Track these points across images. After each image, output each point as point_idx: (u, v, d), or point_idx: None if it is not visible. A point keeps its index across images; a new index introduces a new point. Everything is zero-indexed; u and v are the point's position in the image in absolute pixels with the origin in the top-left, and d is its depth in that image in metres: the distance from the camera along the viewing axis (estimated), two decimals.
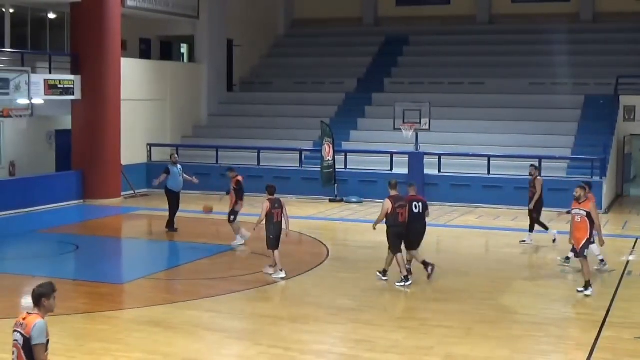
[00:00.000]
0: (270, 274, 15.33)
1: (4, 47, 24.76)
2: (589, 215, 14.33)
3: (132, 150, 27.00)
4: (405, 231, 14.90)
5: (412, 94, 29.57)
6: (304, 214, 23.33)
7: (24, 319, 6.97)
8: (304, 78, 33.47)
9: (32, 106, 22.72)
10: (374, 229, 15.25)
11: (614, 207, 25.37)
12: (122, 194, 25.98)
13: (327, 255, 17.54)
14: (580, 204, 14.55)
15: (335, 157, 26.24)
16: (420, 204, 15.23)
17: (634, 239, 19.56)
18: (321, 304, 13.45)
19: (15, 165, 25.88)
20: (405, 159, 25.64)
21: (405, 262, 15.00)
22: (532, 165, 19.68)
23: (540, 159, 24.65)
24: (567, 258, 16.63)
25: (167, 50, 34.20)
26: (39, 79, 23.43)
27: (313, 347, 11.30)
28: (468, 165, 25.85)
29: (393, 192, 14.95)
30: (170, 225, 19.99)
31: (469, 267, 16.70)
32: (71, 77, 24.75)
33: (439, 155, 25.79)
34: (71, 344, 11.22)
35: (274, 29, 37.43)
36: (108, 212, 23.65)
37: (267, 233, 15.33)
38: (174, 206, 20.08)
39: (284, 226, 15.50)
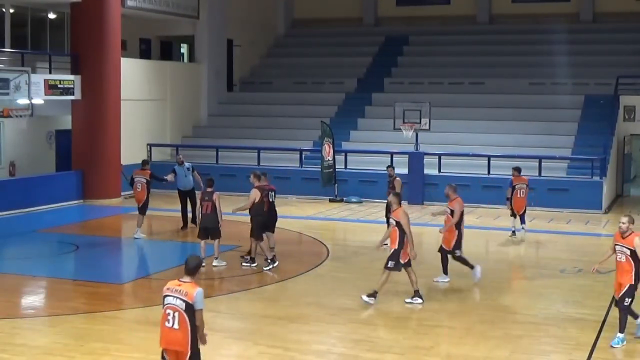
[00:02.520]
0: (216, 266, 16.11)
1: (4, 47, 24.76)
2: (398, 224, 13.15)
3: (132, 150, 26.97)
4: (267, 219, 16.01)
5: (412, 94, 29.57)
6: (304, 214, 23.35)
7: (179, 285, 8.11)
8: (304, 78, 33.47)
9: (32, 106, 22.71)
10: (234, 211, 16.04)
11: (614, 207, 25.36)
12: (122, 194, 25.95)
13: (327, 255, 17.54)
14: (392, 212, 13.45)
15: (335, 157, 26.25)
16: (274, 192, 16.44)
17: None
18: (321, 304, 13.45)
19: (15, 165, 25.88)
20: (405, 159, 25.65)
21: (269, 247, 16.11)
22: (389, 166, 19.52)
23: (540, 159, 24.70)
24: (514, 232, 19.36)
25: (167, 50, 34.20)
26: (39, 79, 23.43)
27: (313, 347, 11.30)
28: (468, 165, 25.86)
29: (259, 183, 15.93)
30: (191, 222, 20.46)
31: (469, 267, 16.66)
32: (71, 77, 24.75)
33: (439, 155, 25.80)
34: (71, 343, 11.24)
35: (274, 28, 37.43)
36: (108, 212, 23.64)
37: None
38: (183, 205, 20.56)
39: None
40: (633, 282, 11.11)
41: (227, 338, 11.82)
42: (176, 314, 8.04)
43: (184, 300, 8.04)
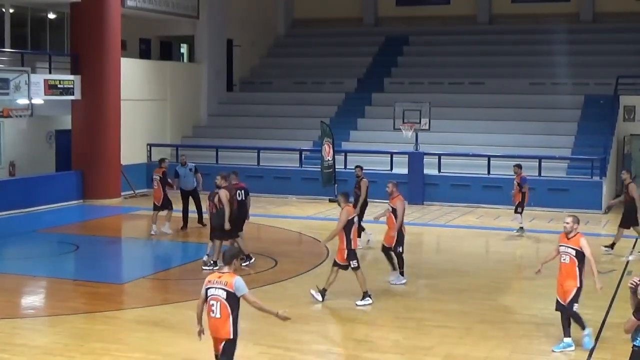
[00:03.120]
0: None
1: (3, 47, 24.76)
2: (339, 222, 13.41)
3: (132, 150, 27.00)
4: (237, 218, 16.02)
5: (412, 94, 29.57)
6: (304, 214, 23.35)
7: (219, 277, 8.50)
8: (304, 78, 33.47)
9: (32, 106, 22.73)
10: (227, 226, 15.72)
11: (614, 207, 25.29)
12: (122, 194, 25.99)
13: (327, 255, 17.52)
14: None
15: (335, 157, 26.23)
16: (243, 191, 16.49)
17: (634, 239, 19.55)
18: (321, 304, 13.44)
19: (15, 165, 25.89)
20: (405, 159, 25.66)
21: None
22: (357, 166, 19.20)
23: (540, 159, 24.70)
24: (522, 228, 19.83)
25: (167, 50, 34.19)
26: (38, 79, 23.44)
27: (313, 347, 11.31)
28: (468, 165, 25.86)
29: (225, 183, 15.98)
30: (198, 222, 20.66)
31: (469, 267, 16.70)
32: (71, 77, 24.76)
33: (439, 156, 25.79)
34: (71, 343, 11.25)
35: (274, 28, 37.43)
36: (108, 212, 23.65)
37: None
38: (185, 205, 20.71)
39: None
40: (578, 285, 10.94)
41: None
42: (218, 304, 8.45)
43: (225, 290, 8.42)
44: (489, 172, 25.19)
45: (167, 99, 29.77)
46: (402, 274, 14.85)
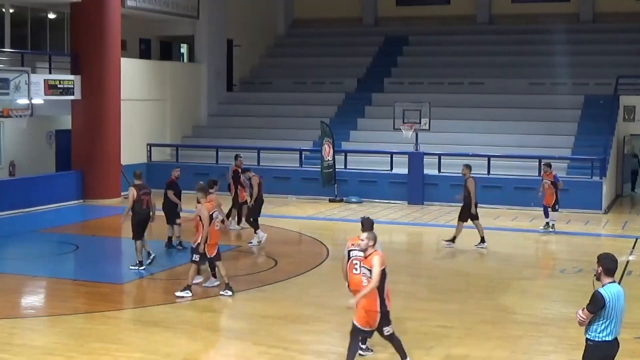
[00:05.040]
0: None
1: (3, 47, 24.76)
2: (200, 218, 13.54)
3: (132, 150, 26.99)
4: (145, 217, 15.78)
5: (412, 94, 29.56)
6: (304, 214, 23.36)
7: (362, 241, 9.81)
8: (303, 78, 33.48)
9: (32, 106, 22.70)
10: (122, 220, 15.95)
11: (614, 207, 25.37)
12: (122, 193, 25.95)
13: (327, 255, 17.53)
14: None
15: (335, 157, 26.24)
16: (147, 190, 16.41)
17: (634, 239, 19.57)
18: (321, 304, 13.45)
19: (15, 165, 25.88)
20: (405, 159, 25.66)
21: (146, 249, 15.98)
22: (247, 170, 19.57)
23: (540, 159, 24.68)
24: (547, 224, 20.12)
25: (167, 50, 34.18)
26: (38, 79, 23.43)
27: (313, 347, 11.31)
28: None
29: (137, 182, 15.97)
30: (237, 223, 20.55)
31: (469, 267, 16.70)
32: (71, 77, 24.75)
33: (439, 155, 25.79)
34: (71, 343, 11.24)
35: (274, 29, 37.44)
36: (108, 212, 23.64)
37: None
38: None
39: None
40: (379, 309, 9.65)
41: (227, 338, 11.84)
42: (361, 263, 9.99)
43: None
44: (488, 172, 25.17)
45: (167, 99, 29.78)
46: (214, 275, 14.50)
